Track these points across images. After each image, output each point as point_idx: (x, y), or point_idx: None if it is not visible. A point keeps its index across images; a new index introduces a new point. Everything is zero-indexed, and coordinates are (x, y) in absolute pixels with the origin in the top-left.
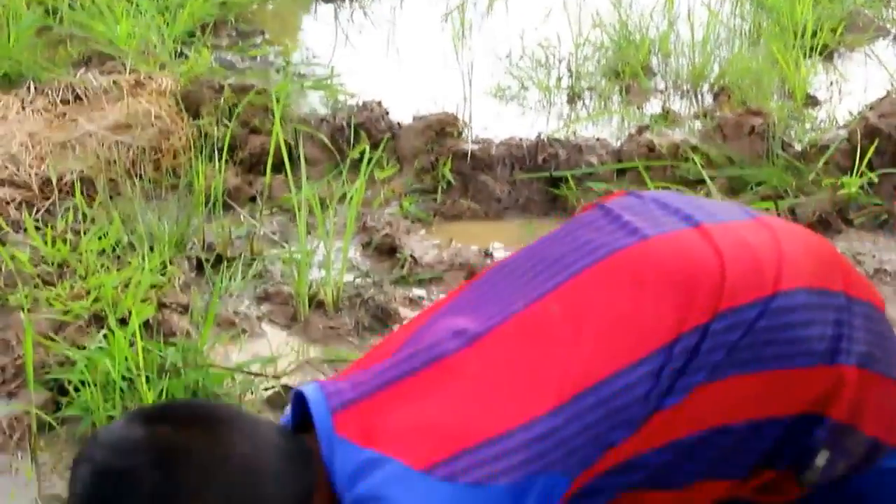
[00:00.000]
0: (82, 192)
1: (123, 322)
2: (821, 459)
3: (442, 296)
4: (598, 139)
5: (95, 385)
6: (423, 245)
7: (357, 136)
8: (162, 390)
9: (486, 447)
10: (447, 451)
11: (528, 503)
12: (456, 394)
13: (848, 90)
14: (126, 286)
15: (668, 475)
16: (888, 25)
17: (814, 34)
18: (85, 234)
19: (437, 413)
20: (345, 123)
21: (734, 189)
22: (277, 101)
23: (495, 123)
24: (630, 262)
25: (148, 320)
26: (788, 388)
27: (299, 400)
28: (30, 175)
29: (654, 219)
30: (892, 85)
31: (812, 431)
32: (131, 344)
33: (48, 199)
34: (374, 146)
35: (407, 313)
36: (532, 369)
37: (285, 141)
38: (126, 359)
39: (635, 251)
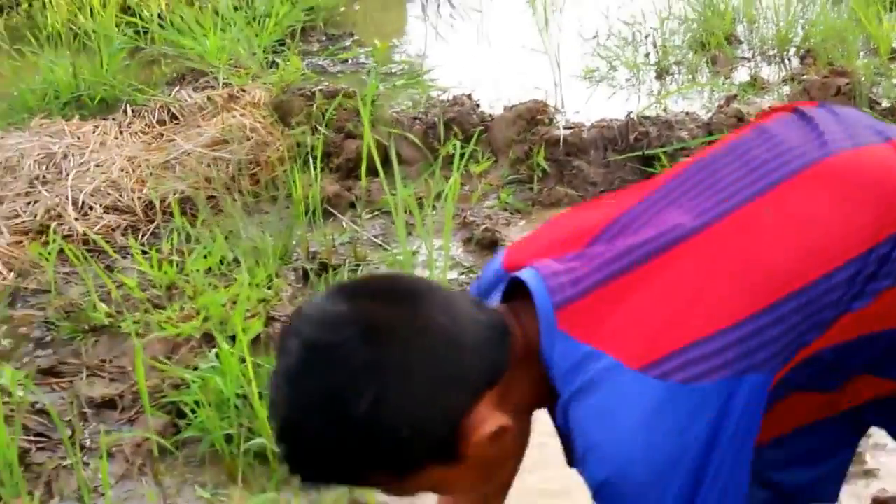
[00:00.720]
0: (184, 212)
1: (234, 339)
2: None
3: None
4: (687, 113)
5: (210, 405)
6: (523, 235)
7: (449, 130)
8: None
9: (697, 347)
10: (659, 351)
11: (737, 400)
12: (669, 293)
13: None
14: (234, 303)
15: (832, 374)
16: None
17: None
18: (190, 254)
19: (649, 312)
20: (436, 120)
21: None
22: (364, 104)
23: (586, 106)
24: (834, 172)
25: (258, 335)
26: None
27: (512, 282)
28: (133, 199)
29: (850, 129)
30: None
31: None
32: (242, 361)
33: (152, 221)
34: (467, 140)
35: None
36: (741, 271)
37: (379, 142)
38: (240, 376)
39: (840, 161)
